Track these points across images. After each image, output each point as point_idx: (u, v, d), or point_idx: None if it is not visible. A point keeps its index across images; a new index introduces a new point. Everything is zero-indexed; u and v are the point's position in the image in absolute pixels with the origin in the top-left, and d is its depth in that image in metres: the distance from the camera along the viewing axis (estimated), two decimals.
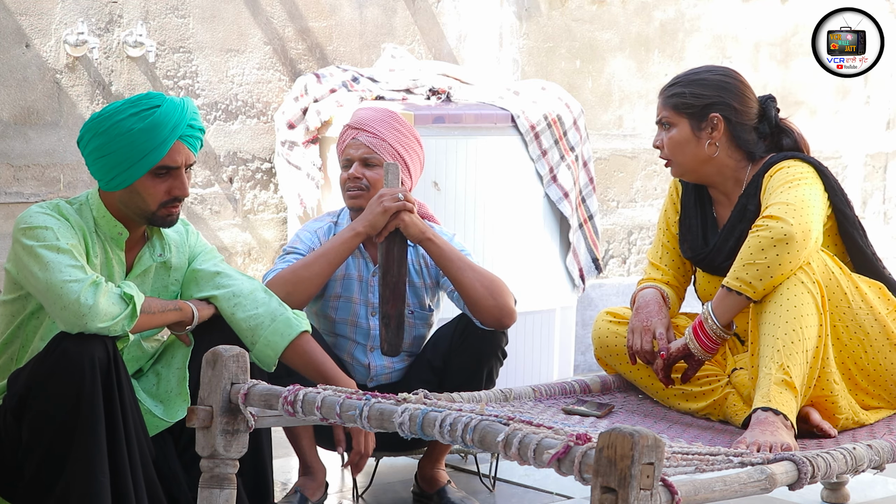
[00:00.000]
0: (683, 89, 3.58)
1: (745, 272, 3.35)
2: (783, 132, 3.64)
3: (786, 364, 3.25)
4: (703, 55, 6.17)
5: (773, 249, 3.33)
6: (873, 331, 3.45)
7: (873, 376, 3.48)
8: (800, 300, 3.31)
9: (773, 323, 3.31)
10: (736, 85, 3.59)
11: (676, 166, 3.62)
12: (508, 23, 5.62)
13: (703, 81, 3.58)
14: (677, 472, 2.61)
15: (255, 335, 3.36)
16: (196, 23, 4.85)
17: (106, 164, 3.25)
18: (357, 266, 3.88)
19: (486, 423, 2.60)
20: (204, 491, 3.00)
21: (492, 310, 3.73)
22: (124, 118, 3.23)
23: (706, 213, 3.69)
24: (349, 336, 3.89)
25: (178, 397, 3.36)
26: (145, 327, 3.26)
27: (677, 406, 3.62)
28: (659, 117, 3.62)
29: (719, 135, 3.56)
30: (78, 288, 3.11)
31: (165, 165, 3.25)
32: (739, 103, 3.57)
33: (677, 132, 3.58)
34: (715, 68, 3.66)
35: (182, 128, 3.25)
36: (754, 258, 3.34)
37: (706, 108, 3.55)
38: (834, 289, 3.42)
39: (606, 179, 5.95)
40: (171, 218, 3.30)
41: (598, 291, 5.95)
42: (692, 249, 3.69)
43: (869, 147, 6.87)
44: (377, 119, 3.88)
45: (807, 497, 3.98)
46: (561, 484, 4.10)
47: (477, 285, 3.73)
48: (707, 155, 3.57)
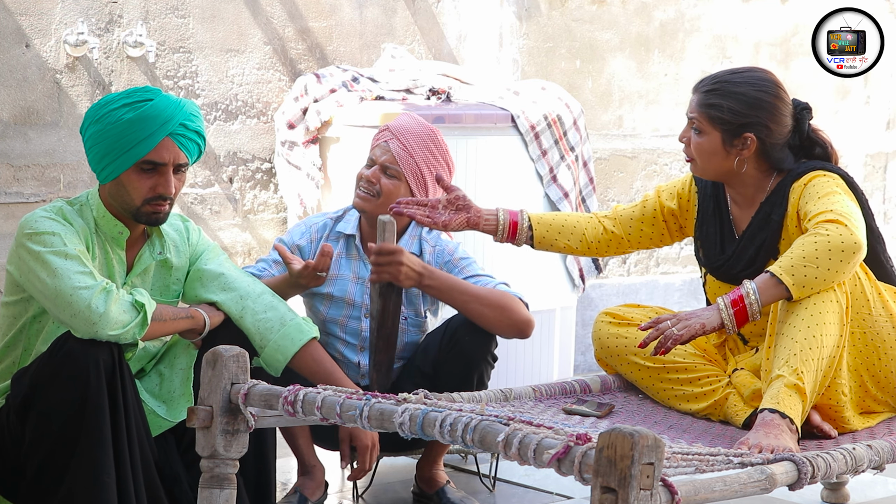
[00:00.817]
0: (721, 101, 3.47)
1: (804, 273, 3.27)
2: (815, 143, 3.58)
3: (800, 370, 3.22)
4: (703, 55, 6.17)
5: (840, 255, 3.26)
6: (890, 338, 3.43)
7: (883, 383, 3.46)
8: (826, 307, 3.28)
9: (795, 325, 3.27)
10: (774, 104, 3.49)
11: (698, 168, 3.56)
12: (508, 23, 5.62)
13: (743, 97, 3.47)
14: (677, 472, 2.61)
15: (265, 339, 3.37)
16: (196, 23, 4.85)
17: (97, 153, 3.25)
18: (352, 267, 3.87)
19: (486, 423, 2.60)
20: (204, 491, 3.00)
21: (507, 328, 3.73)
22: (117, 108, 3.23)
23: (723, 220, 3.63)
24: (339, 336, 3.89)
25: (181, 398, 3.37)
26: (156, 335, 3.26)
27: (677, 407, 3.61)
28: (691, 115, 3.53)
29: (749, 153, 3.50)
30: (88, 295, 3.11)
31: (151, 160, 3.24)
32: (775, 123, 3.49)
33: (707, 141, 3.51)
34: (755, 80, 3.52)
35: (173, 125, 3.24)
36: (818, 262, 3.26)
37: (741, 127, 3.47)
38: (857, 295, 3.39)
39: (606, 179, 5.95)
40: (156, 216, 3.29)
41: (598, 291, 5.95)
42: (708, 258, 3.64)
43: (869, 147, 6.87)
44: (414, 133, 3.84)
45: (807, 497, 3.98)
46: (561, 484, 4.10)
47: (486, 311, 3.72)
48: (733, 168, 3.52)
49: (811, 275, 3.26)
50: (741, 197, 3.59)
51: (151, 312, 3.20)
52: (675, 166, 6.14)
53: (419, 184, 3.81)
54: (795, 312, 3.29)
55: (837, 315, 3.30)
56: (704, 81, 3.56)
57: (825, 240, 3.27)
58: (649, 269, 6.12)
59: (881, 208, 7.00)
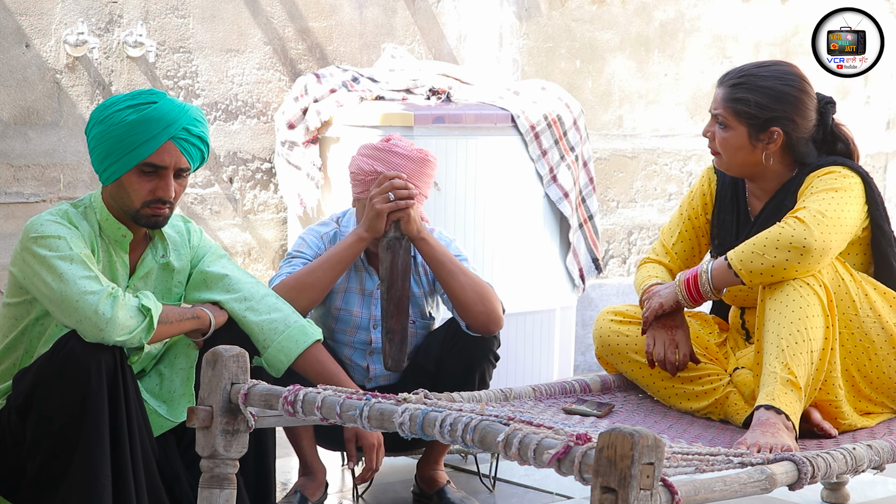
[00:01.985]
0: (748, 95, 3.47)
1: (751, 260, 3.34)
2: (837, 138, 3.58)
3: (790, 364, 3.24)
4: (703, 55, 6.17)
5: (786, 253, 3.31)
6: (879, 339, 3.43)
7: (876, 384, 3.47)
8: (806, 301, 3.30)
9: (778, 322, 3.29)
10: (800, 98, 3.49)
11: (723, 162, 3.56)
12: (508, 23, 5.62)
13: (769, 91, 3.47)
14: (677, 472, 2.61)
15: (268, 340, 3.37)
16: (196, 23, 4.85)
17: (100, 153, 3.26)
18: (359, 279, 3.87)
19: (486, 423, 2.60)
20: (204, 491, 3.00)
21: (480, 315, 3.73)
22: (121, 108, 3.24)
23: (740, 209, 3.64)
24: (348, 342, 3.89)
25: (182, 397, 3.37)
26: (163, 337, 3.27)
27: (678, 405, 3.62)
28: (716, 111, 3.52)
29: (776, 147, 3.50)
30: (95, 300, 3.11)
31: (153, 163, 3.24)
32: (801, 117, 3.49)
33: (733, 136, 3.50)
34: (782, 74, 3.52)
35: (176, 129, 3.24)
36: (765, 252, 3.32)
37: (768, 121, 3.47)
38: (842, 295, 3.40)
39: (606, 179, 5.95)
40: (155, 219, 3.29)
41: (598, 291, 5.95)
42: (722, 245, 3.65)
43: (869, 147, 6.87)
44: (413, 171, 3.77)
45: (807, 497, 3.98)
46: (561, 484, 4.10)
47: (467, 290, 3.72)
48: (759, 162, 3.52)
49: (758, 263, 3.33)
50: (762, 192, 3.61)
51: (158, 316, 3.20)
52: (675, 166, 6.14)
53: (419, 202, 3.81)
54: (776, 310, 3.31)
55: (819, 307, 3.31)
56: (730, 74, 3.55)
57: (777, 234, 3.32)
58: None
59: None
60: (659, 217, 6.11)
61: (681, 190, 6.16)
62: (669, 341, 3.54)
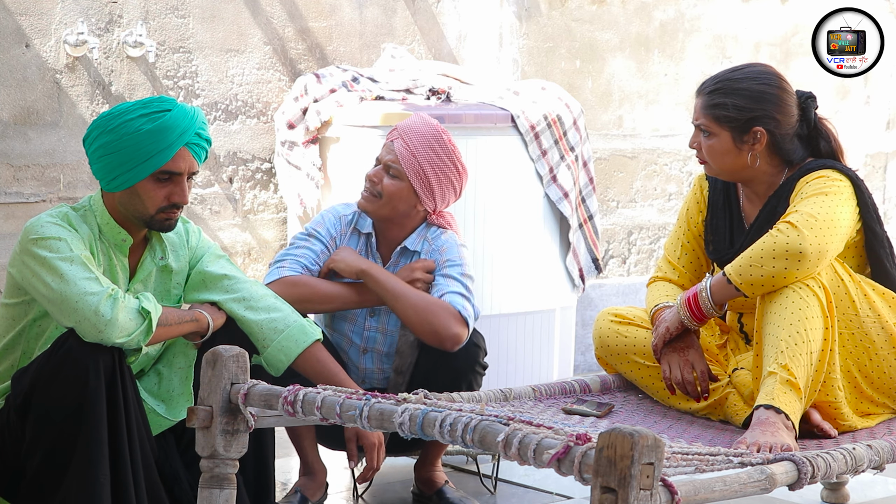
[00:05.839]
0: (725, 99, 3.48)
1: (749, 273, 3.34)
2: (820, 135, 3.58)
3: (790, 365, 3.24)
4: (703, 55, 6.17)
5: (783, 261, 3.31)
6: (879, 339, 3.43)
7: (877, 384, 3.47)
8: (805, 303, 3.30)
9: (777, 324, 3.29)
10: (778, 95, 3.50)
11: (713, 170, 3.57)
12: (508, 23, 5.62)
13: (746, 92, 3.48)
14: (677, 472, 2.61)
15: (268, 339, 3.38)
16: (196, 23, 4.85)
17: (110, 162, 3.25)
18: None
19: (486, 423, 2.60)
20: (204, 491, 3.00)
21: (428, 335, 3.71)
22: (134, 118, 3.23)
23: (733, 214, 3.65)
24: (346, 333, 3.89)
25: (181, 397, 3.37)
26: (161, 339, 3.27)
27: (677, 406, 3.62)
28: (698, 122, 3.53)
29: (761, 147, 3.50)
30: (95, 301, 3.11)
31: (168, 170, 3.25)
32: (782, 114, 3.50)
33: (718, 142, 3.51)
34: (756, 74, 3.53)
35: (189, 135, 3.25)
36: (762, 262, 3.32)
37: (749, 121, 3.48)
38: (842, 296, 3.40)
39: (606, 179, 5.95)
40: (168, 223, 3.30)
41: (598, 291, 5.95)
42: (717, 251, 3.65)
43: (869, 147, 6.87)
44: (419, 133, 3.82)
45: (807, 497, 3.98)
46: (561, 484, 4.10)
47: (410, 313, 3.71)
48: (747, 164, 3.52)
49: (757, 274, 3.34)
50: (754, 195, 3.61)
51: (157, 318, 3.20)
52: (675, 166, 6.14)
53: (423, 185, 3.80)
54: (775, 311, 3.31)
55: (818, 308, 3.31)
56: (706, 84, 3.56)
57: (772, 243, 3.33)
58: (649, 269, 6.12)
59: (881, 208, 7.00)
60: (659, 217, 6.11)
61: (681, 190, 6.16)
62: (684, 363, 3.55)
